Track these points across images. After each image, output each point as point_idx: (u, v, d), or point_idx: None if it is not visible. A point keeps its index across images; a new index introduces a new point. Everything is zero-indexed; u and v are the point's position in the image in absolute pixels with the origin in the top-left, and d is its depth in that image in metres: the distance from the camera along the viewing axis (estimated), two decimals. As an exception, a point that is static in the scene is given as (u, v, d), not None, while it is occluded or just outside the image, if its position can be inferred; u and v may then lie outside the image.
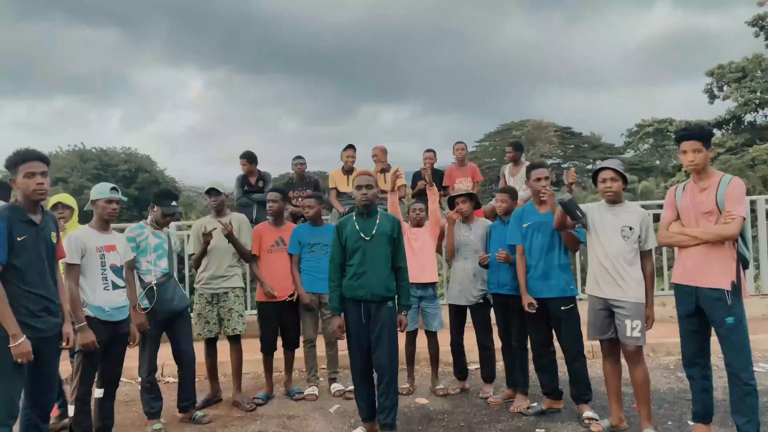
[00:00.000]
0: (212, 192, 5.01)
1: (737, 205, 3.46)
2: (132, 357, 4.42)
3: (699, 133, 3.59)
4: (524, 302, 4.42)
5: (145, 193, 30.70)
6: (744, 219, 3.48)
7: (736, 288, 3.49)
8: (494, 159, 35.92)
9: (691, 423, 4.00)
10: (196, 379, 4.86)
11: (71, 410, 3.95)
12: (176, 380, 4.85)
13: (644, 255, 3.97)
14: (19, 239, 3.19)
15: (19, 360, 3.12)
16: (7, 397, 3.14)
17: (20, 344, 3.11)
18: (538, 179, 4.43)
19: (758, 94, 24.16)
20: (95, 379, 4.02)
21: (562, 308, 4.32)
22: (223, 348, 5.13)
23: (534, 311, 4.37)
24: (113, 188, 4.05)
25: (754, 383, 3.50)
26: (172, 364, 4.84)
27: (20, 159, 3.27)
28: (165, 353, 4.64)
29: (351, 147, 7.36)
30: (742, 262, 3.57)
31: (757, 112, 25.28)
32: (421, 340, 5.19)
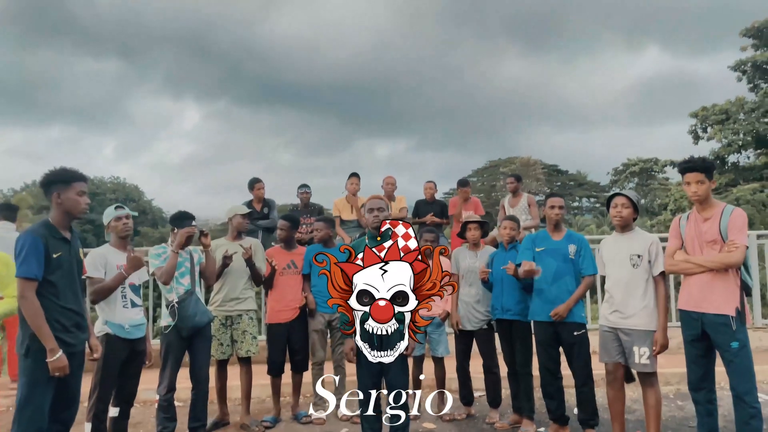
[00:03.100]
0: (248, 216, 5.22)
1: (740, 234, 3.64)
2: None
3: (702, 165, 3.79)
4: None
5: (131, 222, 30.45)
6: (747, 247, 3.65)
7: (741, 314, 3.63)
8: (482, 195, 36.23)
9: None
10: (205, 402, 4.85)
11: (88, 428, 3.97)
12: (185, 404, 4.85)
13: (656, 280, 4.04)
14: (54, 256, 3.27)
15: (56, 374, 3.17)
16: (36, 411, 3.17)
17: (58, 358, 3.17)
18: (552, 207, 4.59)
19: (741, 135, 24.80)
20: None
21: (575, 333, 4.43)
22: (231, 373, 5.15)
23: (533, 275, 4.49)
24: (117, 206, 4.18)
25: (758, 406, 3.62)
26: (181, 388, 4.84)
27: (76, 177, 3.38)
28: (178, 376, 4.65)
29: (355, 175, 7.50)
30: (745, 289, 3.73)
31: (740, 153, 25.90)
32: (428, 367, 5.25)
